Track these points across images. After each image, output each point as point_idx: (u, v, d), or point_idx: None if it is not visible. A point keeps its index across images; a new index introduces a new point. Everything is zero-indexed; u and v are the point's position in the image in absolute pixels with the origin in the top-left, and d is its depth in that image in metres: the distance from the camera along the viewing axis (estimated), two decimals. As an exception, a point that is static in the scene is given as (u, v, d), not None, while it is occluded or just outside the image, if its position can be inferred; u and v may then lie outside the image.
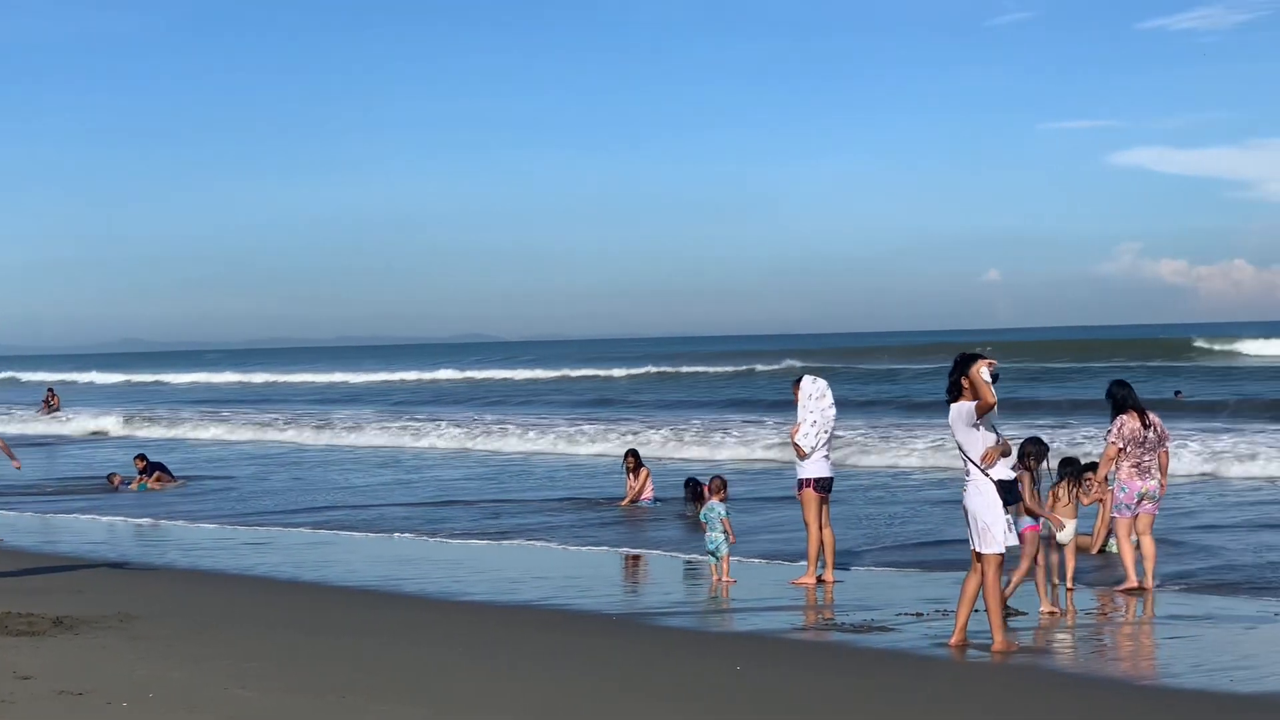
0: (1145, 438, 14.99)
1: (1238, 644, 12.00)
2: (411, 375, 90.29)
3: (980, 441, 11.73)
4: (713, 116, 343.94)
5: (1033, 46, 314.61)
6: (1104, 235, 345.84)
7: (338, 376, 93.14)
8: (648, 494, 23.73)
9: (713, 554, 15.79)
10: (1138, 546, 15.08)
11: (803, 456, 15.58)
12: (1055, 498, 15.30)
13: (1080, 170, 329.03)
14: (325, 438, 41.75)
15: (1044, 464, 14.11)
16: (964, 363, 11.77)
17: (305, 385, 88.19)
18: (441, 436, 39.53)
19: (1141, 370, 59.15)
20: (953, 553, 16.45)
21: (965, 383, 11.70)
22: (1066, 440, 28.40)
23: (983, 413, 11.61)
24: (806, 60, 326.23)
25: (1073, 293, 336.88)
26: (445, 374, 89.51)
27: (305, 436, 42.52)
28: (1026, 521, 13.55)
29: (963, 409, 11.70)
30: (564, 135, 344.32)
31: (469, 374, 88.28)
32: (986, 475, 11.70)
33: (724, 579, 15.59)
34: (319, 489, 27.57)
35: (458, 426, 41.12)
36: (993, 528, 11.71)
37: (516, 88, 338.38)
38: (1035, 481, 13.92)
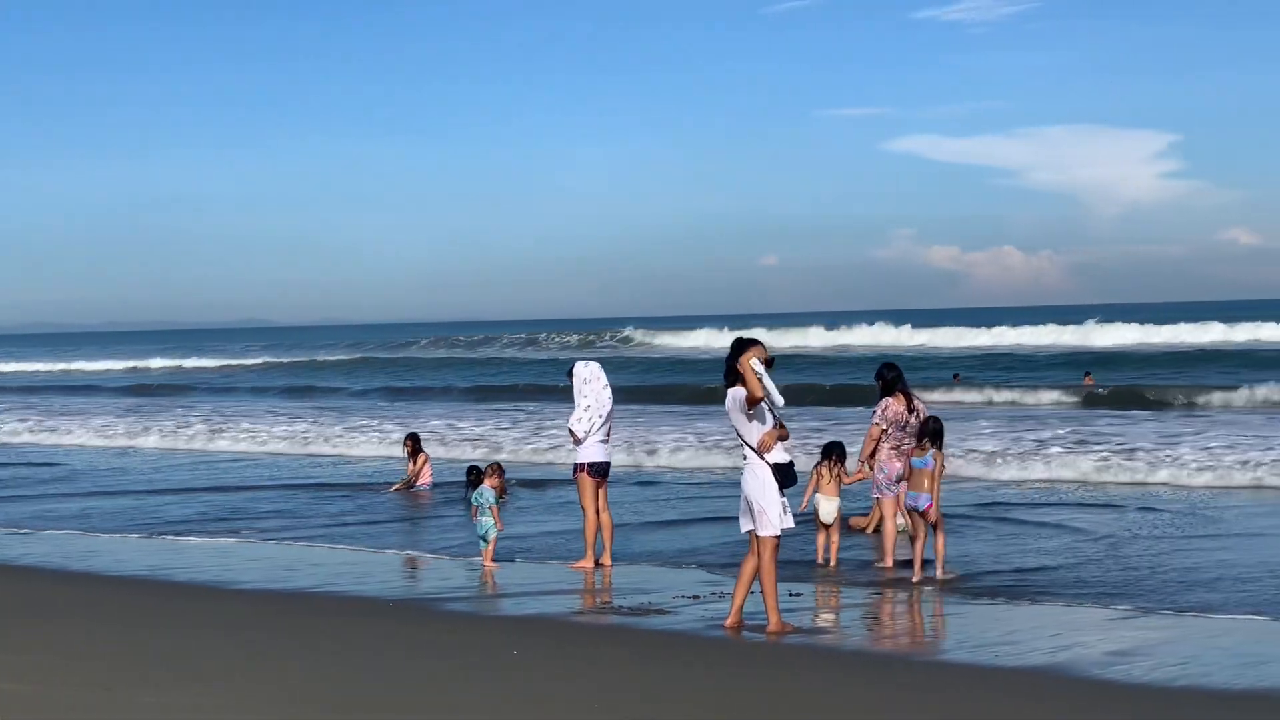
0: (908, 421, 15.37)
1: (1003, 622, 12.38)
2: (158, 363, 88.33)
3: (756, 427, 11.91)
4: (499, 104, 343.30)
5: (809, 34, 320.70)
6: (879, 221, 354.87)
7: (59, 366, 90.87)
8: (425, 479, 23.57)
9: (482, 538, 15.80)
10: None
11: (577, 441, 15.64)
12: (818, 476, 15.71)
13: (856, 157, 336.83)
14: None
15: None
16: (738, 349, 11.92)
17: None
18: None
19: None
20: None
21: (740, 367, 11.86)
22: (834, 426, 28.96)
23: (751, 405, 11.78)
24: (590, 48, 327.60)
25: (848, 277, 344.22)
26: (198, 362, 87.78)
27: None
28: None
29: (738, 395, 11.84)
30: (350, 124, 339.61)
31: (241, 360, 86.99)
32: (763, 459, 11.88)
33: (489, 564, 15.62)
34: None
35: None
36: (768, 510, 11.87)
37: (302, 74, 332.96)
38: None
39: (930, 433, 14.57)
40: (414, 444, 23.93)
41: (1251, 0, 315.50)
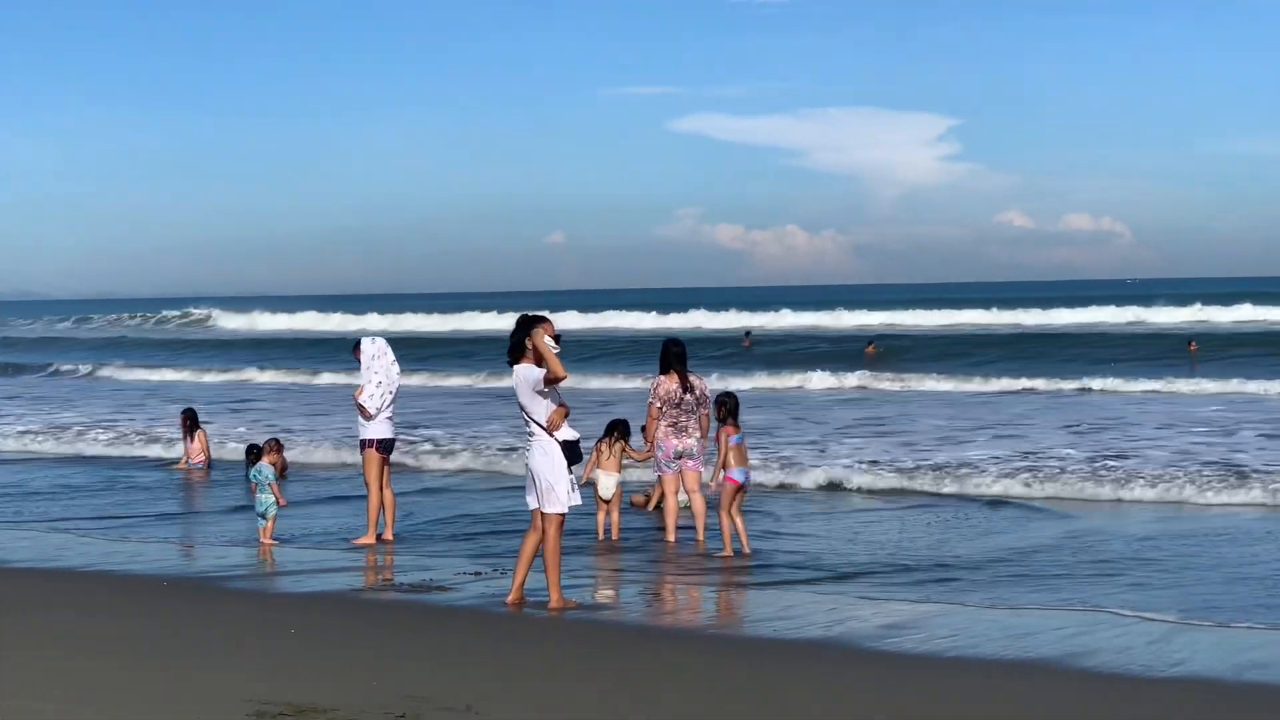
0: (682, 399, 15.48)
1: (779, 599, 12.58)
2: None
3: (546, 404, 11.90)
4: (279, 75, 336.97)
5: (595, 12, 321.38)
6: (665, 200, 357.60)
7: None
8: (200, 456, 23.08)
9: (261, 515, 15.57)
10: (688, 505, 15.69)
11: (368, 417, 15.47)
12: (599, 453, 15.82)
13: (643, 136, 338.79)
14: None
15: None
16: (526, 326, 11.89)
17: None
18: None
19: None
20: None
21: (529, 344, 11.84)
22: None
23: (551, 383, 11.76)
24: (373, 21, 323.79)
25: (635, 256, 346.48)
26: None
27: None
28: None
29: (529, 373, 11.80)
30: (126, 92, 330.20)
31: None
32: (552, 436, 11.88)
33: (266, 540, 15.41)
34: None
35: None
36: (556, 487, 11.87)
37: (72, 40, 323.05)
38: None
39: (731, 409, 14.72)
40: (190, 420, 23.42)
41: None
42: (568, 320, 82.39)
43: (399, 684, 9.25)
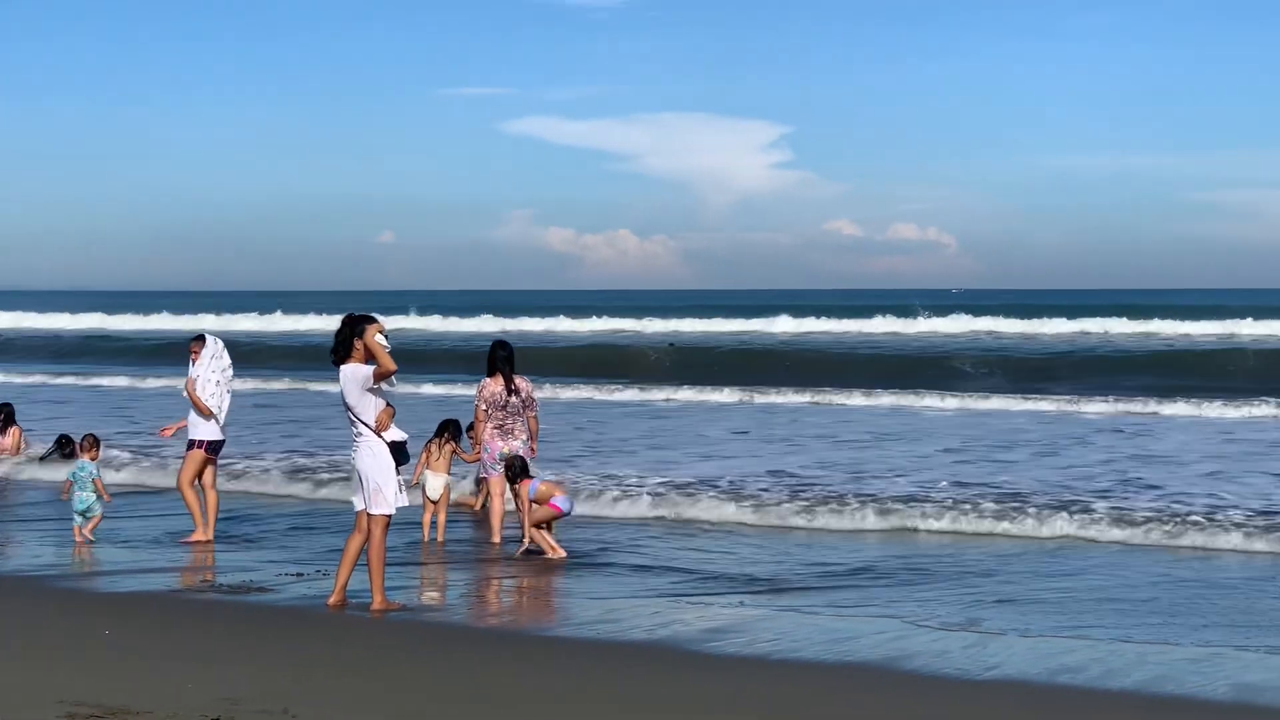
0: (507, 402, 15.47)
1: (604, 602, 12.60)
2: None
3: (374, 404, 11.79)
4: (92, 65, 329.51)
5: (429, 11, 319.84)
6: (497, 202, 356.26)
7: None
8: (14, 452, 22.42)
9: (81, 514, 15.20)
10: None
11: (207, 416, 15.20)
12: (428, 454, 15.74)
13: (475, 136, 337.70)
14: None
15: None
16: (353, 325, 11.77)
17: None
18: None
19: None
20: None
21: (358, 344, 11.72)
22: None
23: (381, 378, 11.65)
24: (206, 13, 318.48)
25: (466, 257, 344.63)
26: None
27: None
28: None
29: (357, 372, 11.68)
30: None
31: None
32: (380, 437, 11.77)
33: (85, 537, 15.08)
34: None
35: None
36: (384, 489, 11.77)
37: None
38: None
39: (519, 470, 15.06)
40: (6, 416, 22.79)
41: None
42: (397, 322, 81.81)
43: (216, 686, 9.09)
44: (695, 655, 10.48)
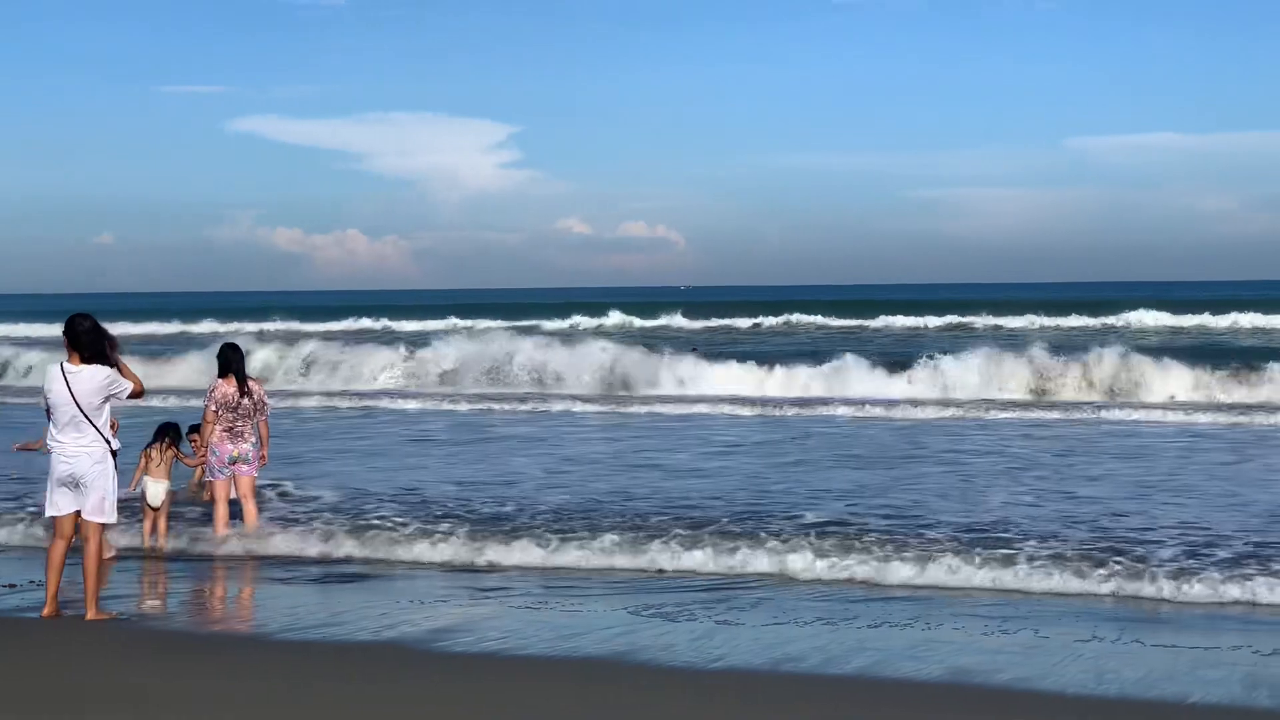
0: (239, 404, 15.20)
1: (328, 604, 12.42)
2: None
3: (108, 412, 11.53)
4: None
5: (149, 8, 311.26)
6: (221, 201, 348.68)
7: None
8: None
9: None
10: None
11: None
12: (148, 459, 15.32)
13: (198, 135, 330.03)
14: None
15: None
16: (103, 333, 11.48)
17: None
18: None
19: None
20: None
21: (112, 355, 11.46)
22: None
23: (135, 396, 11.52)
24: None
25: (189, 257, 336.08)
26: None
27: None
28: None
29: (100, 376, 11.35)
30: None
31: None
32: (109, 445, 11.48)
33: None
34: None
35: None
36: (109, 497, 11.53)
37: None
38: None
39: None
40: None
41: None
42: (119, 327, 79.47)
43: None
44: (423, 654, 10.42)
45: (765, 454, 22.82)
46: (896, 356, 39.76)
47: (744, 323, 75.50)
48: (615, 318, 78.33)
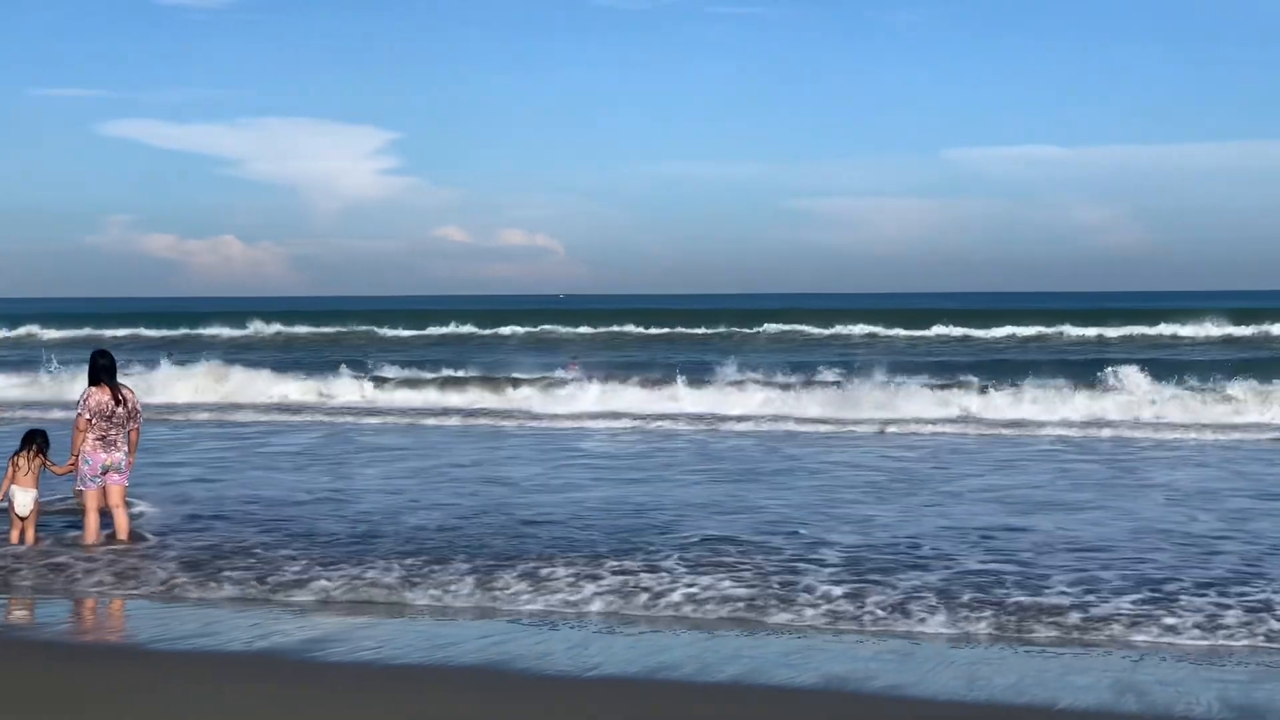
0: (114, 412, 14.98)
1: (204, 614, 12.26)
2: None
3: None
4: None
5: (20, 8, 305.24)
6: (93, 207, 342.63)
7: None
8: None
9: None
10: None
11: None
12: (15, 468, 15.02)
13: (69, 139, 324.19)
14: None
15: None
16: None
17: None
18: None
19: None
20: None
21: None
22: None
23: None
24: None
25: (60, 264, 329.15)
26: None
27: None
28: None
29: None
30: None
31: None
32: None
33: None
34: None
35: None
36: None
37: None
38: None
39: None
40: None
41: (460, 6, 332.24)
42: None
43: None
44: (296, 664, 10.33)
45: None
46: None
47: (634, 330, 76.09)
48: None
